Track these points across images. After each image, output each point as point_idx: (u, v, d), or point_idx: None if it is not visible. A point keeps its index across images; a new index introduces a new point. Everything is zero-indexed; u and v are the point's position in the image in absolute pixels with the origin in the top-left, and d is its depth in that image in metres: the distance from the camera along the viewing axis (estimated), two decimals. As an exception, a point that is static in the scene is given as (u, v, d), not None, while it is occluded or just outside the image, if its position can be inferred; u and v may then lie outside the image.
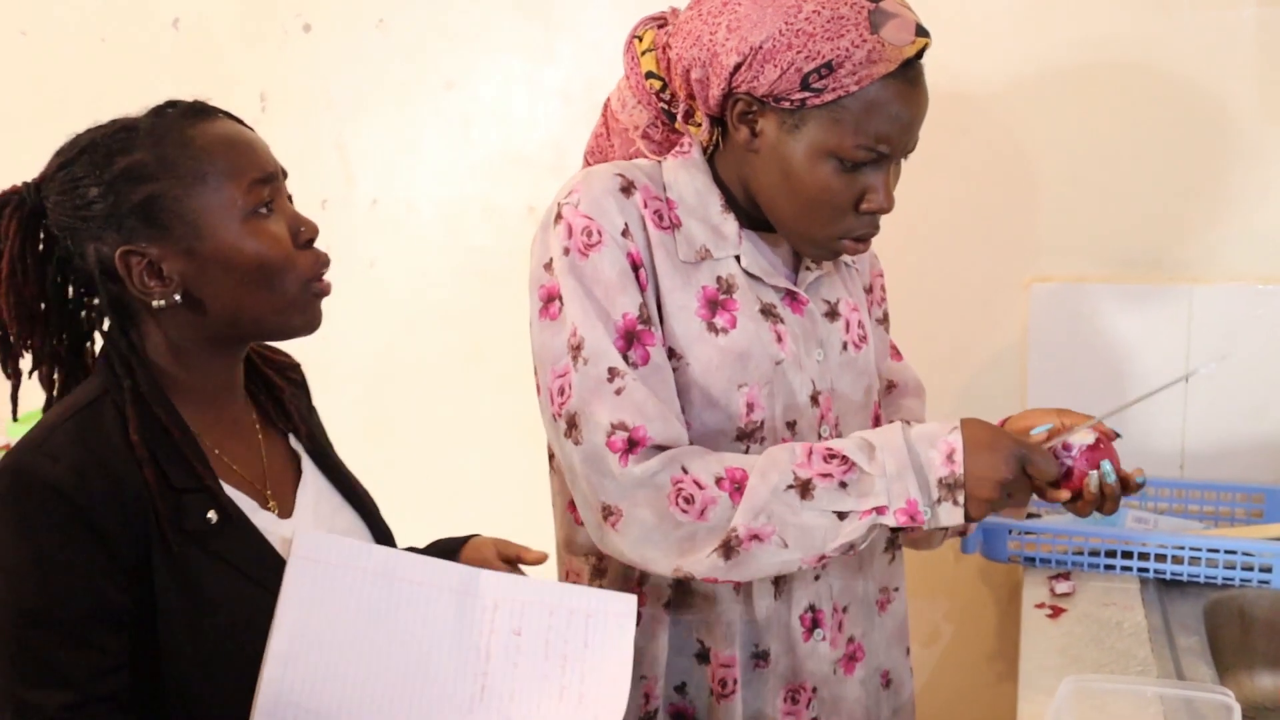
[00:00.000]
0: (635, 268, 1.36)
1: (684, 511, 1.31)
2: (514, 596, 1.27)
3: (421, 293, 2.54)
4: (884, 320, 1.65)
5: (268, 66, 2.54)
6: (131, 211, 1.18)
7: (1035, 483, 1.30)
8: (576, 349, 1.34)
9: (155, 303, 1.19)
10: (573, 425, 1.34)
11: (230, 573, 1.19)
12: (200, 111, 1.25)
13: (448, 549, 1.47)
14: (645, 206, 1.38)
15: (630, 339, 1.34)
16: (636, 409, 1.32)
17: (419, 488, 2.62)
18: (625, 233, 1.36)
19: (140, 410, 1.18)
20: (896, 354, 1.71)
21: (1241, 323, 2.00)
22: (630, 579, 1.46)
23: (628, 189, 1.38)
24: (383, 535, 1.41)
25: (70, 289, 1.26)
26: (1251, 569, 1.73)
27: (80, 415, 1.17)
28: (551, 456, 1.51)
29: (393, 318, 2.58)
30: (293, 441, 1.37)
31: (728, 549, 1.30)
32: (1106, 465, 1.30)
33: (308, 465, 1.37)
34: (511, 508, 2.49)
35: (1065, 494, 1.31)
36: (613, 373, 1.33)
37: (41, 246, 1.23)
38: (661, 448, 1.33)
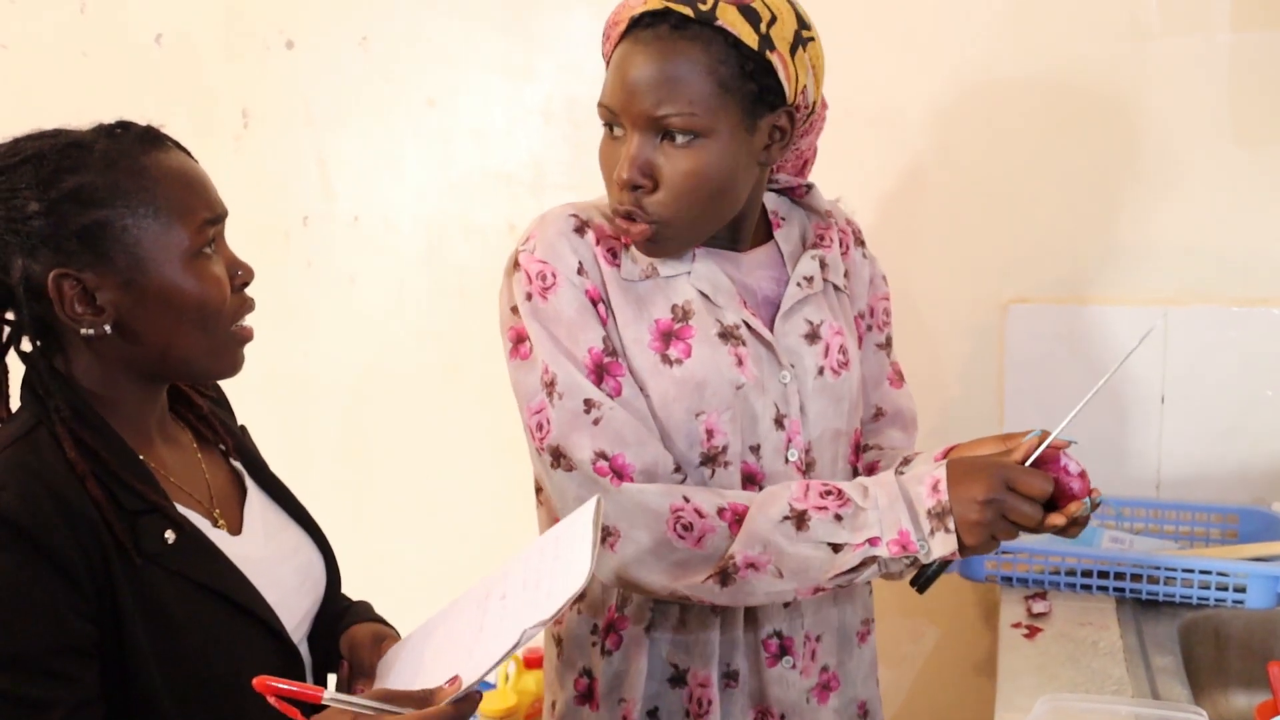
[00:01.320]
0: (594, 303, 1.37)
1: (681, 538, 1.32)
2: (500, 574, 1.24)
3: (401, 309, 2.54)
4: (886, 345, 1.62)
5: (250, 82, 2.54)
6: (74, 234, 1.13)
7: (1025, 499, 1.26)
8: (550, 385, 1.35)
9: (84, 330, 1.15)
10: (559, 456, 1.35)
11: (196, 592, 1.16)
12: (154, 139, 1.20)
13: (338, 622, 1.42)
14: (598, 244, 1.40)
15: (600, 372, 1.36)
16: (615, 437, 1.33)
17: (397, 502, 2.62)
18: (580, 271, 1.37)
19: (72, 431, 1.14)
20: (897, 381, 1.65)
21: (1215, 344, 2.02)
22: (607, 604, 1.46)
23: (581, 229, 1.40)
24: (327, 552, 1.40)
25: None
26: (1226, 589, 1.74)
27: (18, 445, 1.13)
28: (539, 490, 1.51)
29: (372, 334, 2.57)
30: (232, 459, 1.36)
31: (724, 576, 1.32)
32: (1086, 503, 1.28)
33: (250, 481, 1.35)
34: (488, 523, 2.50)
35: (1061, 519, 1.26)
36: (589, 404, 1.34)
37: None
38: (645, 473, 1.34)
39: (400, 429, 2.60)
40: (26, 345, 1.19)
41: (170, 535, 1.16)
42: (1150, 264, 2.04)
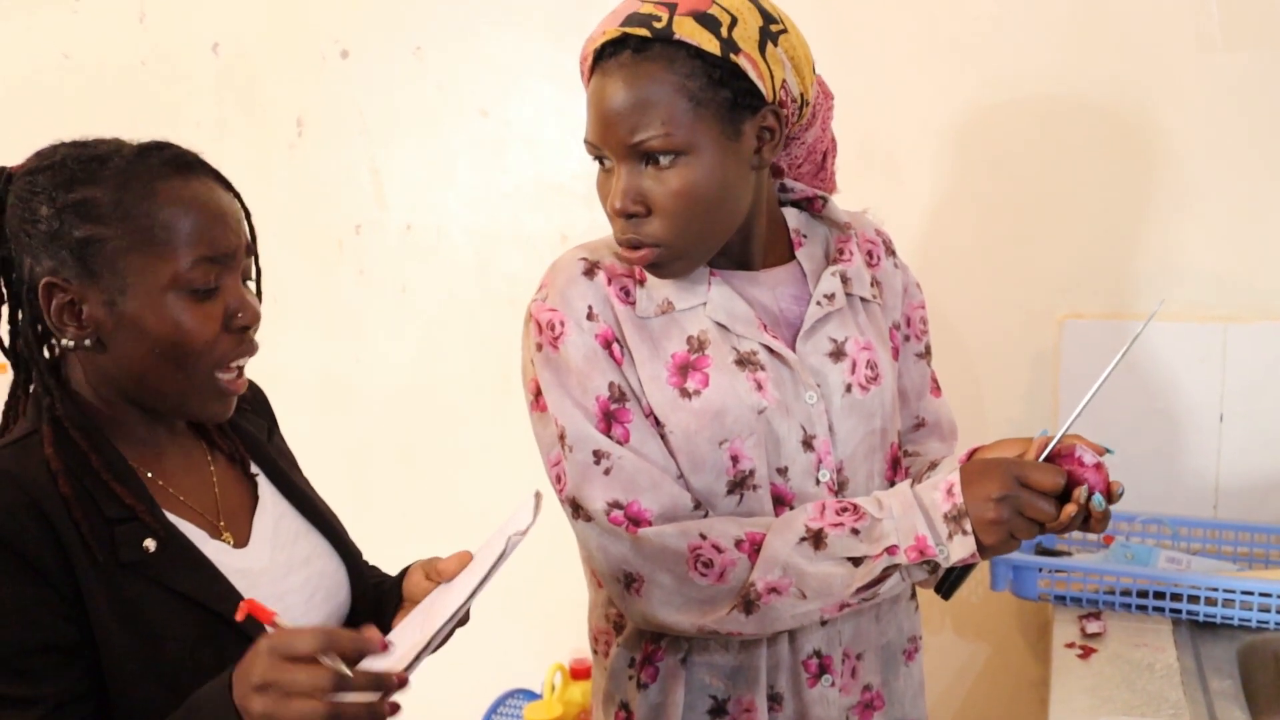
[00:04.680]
0: (608, 345, 1.37)
1: (703, 575, 1.32)
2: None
3: (452, 318, 2.55)
4: (925, 354, 1.60)
5: (305, 91, 2.56)
6: (69, 245, 1.13)
7: (1039, 494, 1.25)
8: (561, 437, 1.36)
9: (65, 341, 1.16)
10: (577, 507, 1.36)
11: (177, 602, 1.14)
12: (183, 165, 1.19)
13: (394, 587, 1.41)
14: (610, 284, 1.39)
15: (609, 419, 1.36)
16: (627, 485, 1.33)
17: (444, 511, 2.63)
18: (590, 315, 1.37)
19: (58, 432, 1.14)
20: (936, 390, 1.64)
21: (1276, 361, 1.98)
22: (645, 634, 1.45)
23: (590, 271, 1.39)
24: (351, 558, 1.39)
25: (8, 295, 1.21)
26: (1287, 612, 1.71)
27: (6, 450, 1.14)
28: None
29: (423, 342, 2.59)
30: (253, 468, 1.35)
31: (748, 604, 1.31)
32: (1098, 496, 1.27)
33: (265, 491, 1.33)
34: (538, 531, 2.50)
35: (1074, 507, 1.25)
36: (598, 455, 1.34)
37: None
38: (663, 516, 1.34)
39: (450, 437, 2.61)
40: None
41: (150, 544, 1.14)
42: (1209, 280, 2.01)
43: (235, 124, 2.60)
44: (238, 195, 1.24)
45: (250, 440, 1.37)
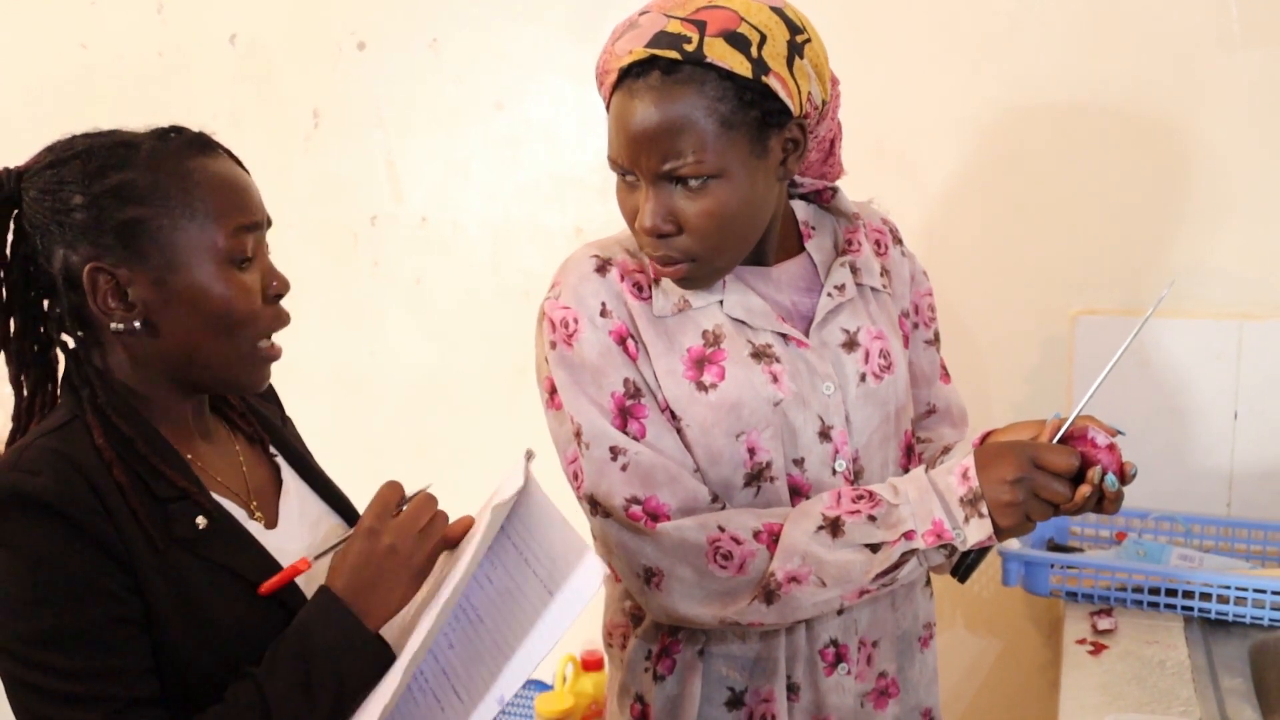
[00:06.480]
0: (622, 341, 1.37)
1: (722, 568, 1.33)
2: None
3: (467, 311, 2.56)
4: (934, 341, 1.60)
5: (321, 83, 2.57)
6: (112, 229, 1.15)
7: (1054, 476, 1.27)
8: (578, 435, 1.37)
9: (114, 325, 1.17)
10: (595, 504, 1.37)
11: (229, 579, 1.17)
12: (203, 145, 1.22)
13: None
14: (623, 280, 1.39)
15: (624, 415, 1.36)
16: (645, 480, 1.34)
17: (458, 503, 2.63)
18: (604, 312, 1.37)
19: (104, 420, 1.16)
20: (945, 376, 1.65)
21: (1292, 360, 1.98)
22: (662, 626, 1.46)
23: (603, 268, 1.40)
24: None
25: (30, 288, 1.22)
26: (1299, 610, 1.71)
27: (53, 435, 1.15)
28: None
29: (438, 335, 2.59)
30: (272, 452, 1.37)
31: (768, 594, 1.32)
32: (1111, 477, 1.28)
33: (288, 474, 1.36)
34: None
35: (1087, 488, 1.26)
36: (614, 451, 1.35)
37: (10, 236, 1.20)
38: (682, 510, 1.34)
39: (465, 430, 2.61)
40: (66, 341, 1.22)
41: (202, 521, 1.17)
42: (1225, 277, 2.01)
43: (252, 116, 2.61)
44: (246, 171, 1.28)
45: (266, 423, 1.39)
